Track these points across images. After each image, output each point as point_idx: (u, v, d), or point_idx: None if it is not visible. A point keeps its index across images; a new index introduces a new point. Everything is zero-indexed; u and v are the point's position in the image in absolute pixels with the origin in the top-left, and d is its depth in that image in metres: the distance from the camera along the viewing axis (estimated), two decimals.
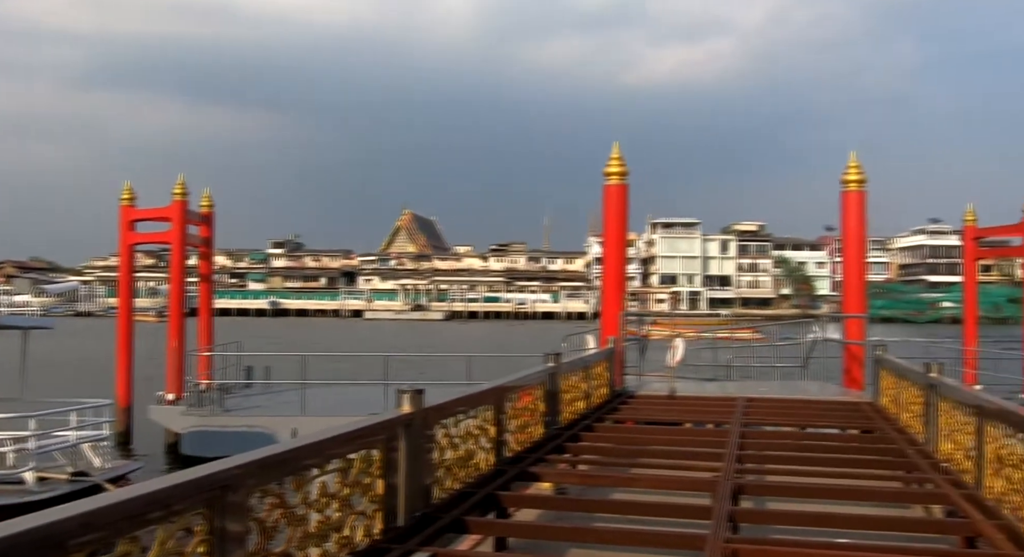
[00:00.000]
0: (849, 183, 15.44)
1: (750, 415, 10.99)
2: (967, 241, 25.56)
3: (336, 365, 28.21)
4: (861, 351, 14.64)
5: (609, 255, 15.51)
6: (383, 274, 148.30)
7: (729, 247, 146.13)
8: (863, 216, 15.56)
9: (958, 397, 7.47)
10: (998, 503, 6.01)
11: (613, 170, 15.01)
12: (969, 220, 25.14)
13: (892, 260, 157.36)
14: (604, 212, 15.20)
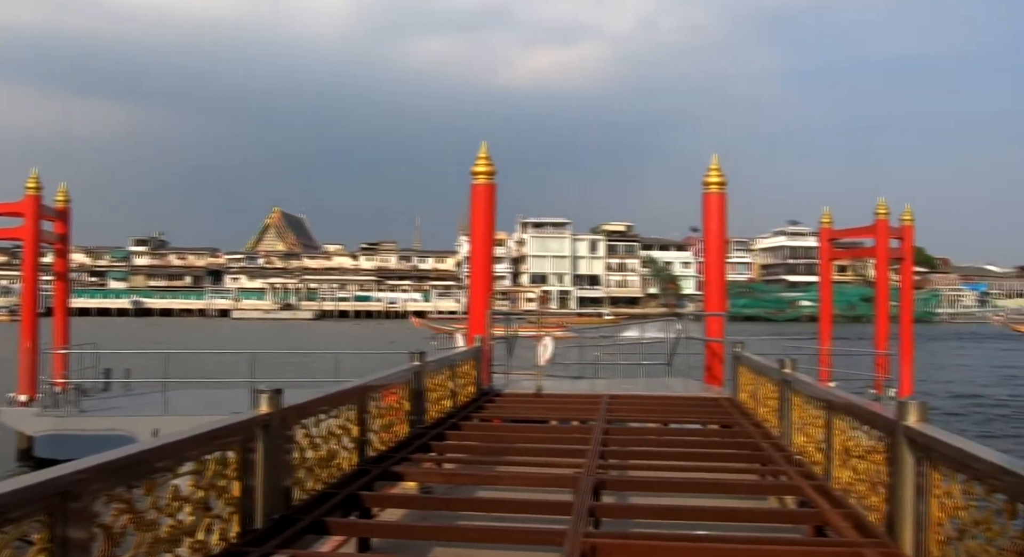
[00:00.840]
0: (710, 185, 15.85)
1: (614, 412, 11.16)
2: (823, 242, 26.47)
3: (201, 365, 27.54)
4: (721, 348, 15.04)
5: (476, 254, 15.55)
6: (251, 273, 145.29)
7: (598, 247, 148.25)
8: (724, 217, 15.98)
9: (809, 392, 7.74)
10: (845, 493, 6.25)
11: (481, 169, 15.06)
12: (825, 222, 26.05)
13: (754, 260, 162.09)
14: (471, 211, 15.23)
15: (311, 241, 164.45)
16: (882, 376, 22.94)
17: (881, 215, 23.84)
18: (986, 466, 3.89)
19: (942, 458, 4.44)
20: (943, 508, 4.45)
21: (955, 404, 32.82)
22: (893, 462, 5.06)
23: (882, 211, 23.85)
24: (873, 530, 5.35)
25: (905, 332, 25.02)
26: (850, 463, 6.21)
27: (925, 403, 4.95)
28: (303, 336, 73.99)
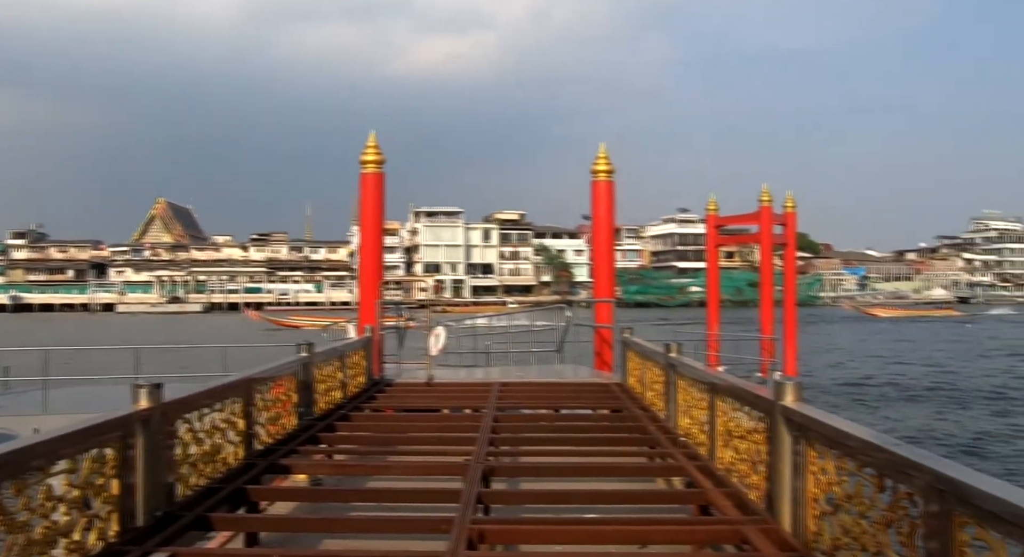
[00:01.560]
0: (599, 173, 15.99)
1: (505, 399, 11.21)
2: (709, 229, 27.01)
3: (85, 362, 26.73)
4: (610, 334, 15.22)
5: (366, 243, 15.42)
6: (137, 265, 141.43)
7: (491, 236, 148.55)
8: (612, 205, 16.15)
9: (693, 375, 7.89)
10: (728, 472, 6.40)
11: (370, 158, 14.93)
12: (711, 209, 26.59)
13: (645, 247, 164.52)
14: (361, 200, 15.08)
15: (199, 232, 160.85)
16: (768, 359, 23.51)
17: (765, 202, 24.42)
18: (857, 442, 4.03)
19: (817, 436, 4.58)
20: (819, 484, 4.59)
21: (839, 385, 34.00)
22: (772, 441, 5.20)
23: (766, 198, 24.43)
24: (754, 507, 5.49)
25: (789, 316, 25.73)
26: (732, 443, 6.36)
27: (800, 383, 5.10)
28: (191, 329, 72.57)
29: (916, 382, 34.94)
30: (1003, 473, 17.94)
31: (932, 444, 21.29)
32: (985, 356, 48.05)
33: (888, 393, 31.87)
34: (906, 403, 29.41)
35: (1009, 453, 20.47)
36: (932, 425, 24.70)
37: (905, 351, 51.02)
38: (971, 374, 38.06)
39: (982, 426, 24.48)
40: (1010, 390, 32.52)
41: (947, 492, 3.12)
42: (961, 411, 27.31)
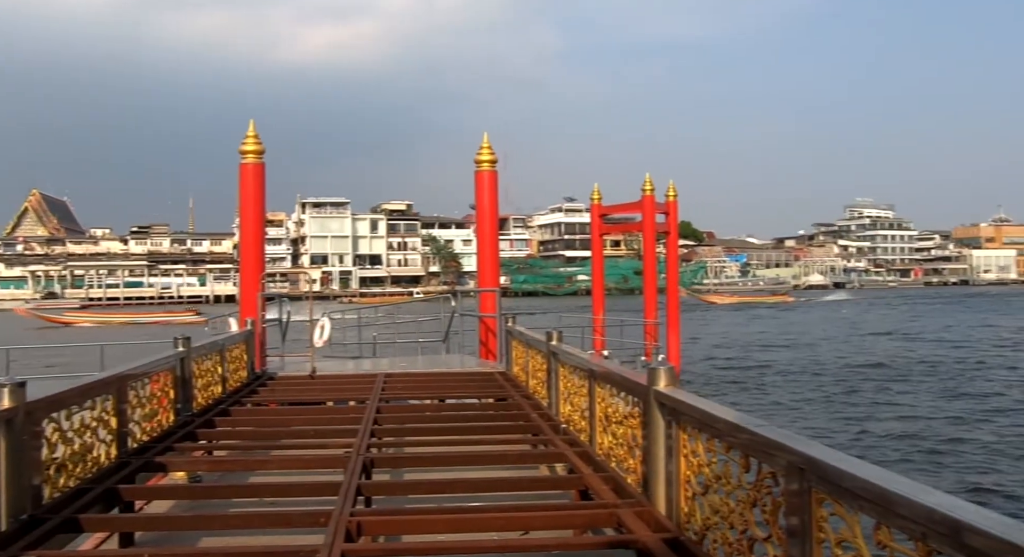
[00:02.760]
0: (482, 163, 16.03)
1: (390, 390, 11.18)
2: (594, 218, 27.35)
3: None
4: (495, 323, 15.29)
5: (247, 235, 15.16)
6: (9, 260, 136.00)
7: (379, 226, 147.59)
8: (496, 195, 16.22)
9: (573, 363, 7.98)
10: (607, 457, 6.51)
11: (249, 148, 14.69)
12: (595, 199, 26.92)
13: (533, 237, 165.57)
14: (240, 191, 14.82)
15: (76, 225, 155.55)
16: (651, 344, 23.94)
17: (647, 191, 24.80)
18: (724, 425, 4.13)
19: (688, 419, 4.68)
20: (690, 466, 4.70)
21: (716, 367, 34.85)
22: (646, 426, 5.30)
23: (648, 187, 24.81)
24: (630, 491, 5.59)
25: (671, 302, 26.22)
26: (611, 429, 6.46)
27: (673, 368, 5.21)
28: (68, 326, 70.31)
29: (815, 366, 36.05)
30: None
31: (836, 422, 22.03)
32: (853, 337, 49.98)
33: (779, 376, 32.78)
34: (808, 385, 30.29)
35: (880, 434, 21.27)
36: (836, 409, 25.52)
37: (779, 336, 52.63)
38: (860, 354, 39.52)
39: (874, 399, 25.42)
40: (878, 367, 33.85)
41: (806, 471, 3.22)
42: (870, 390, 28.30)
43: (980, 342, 46.69)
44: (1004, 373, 32.68)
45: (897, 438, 20.14)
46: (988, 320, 66.93)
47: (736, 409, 4.34)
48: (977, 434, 20.54)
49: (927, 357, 38.61)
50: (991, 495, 14.88)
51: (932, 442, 19.61)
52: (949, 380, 30.75)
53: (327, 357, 16.35)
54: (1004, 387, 28.76)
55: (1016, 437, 20.02)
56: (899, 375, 32.35)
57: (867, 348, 43.80)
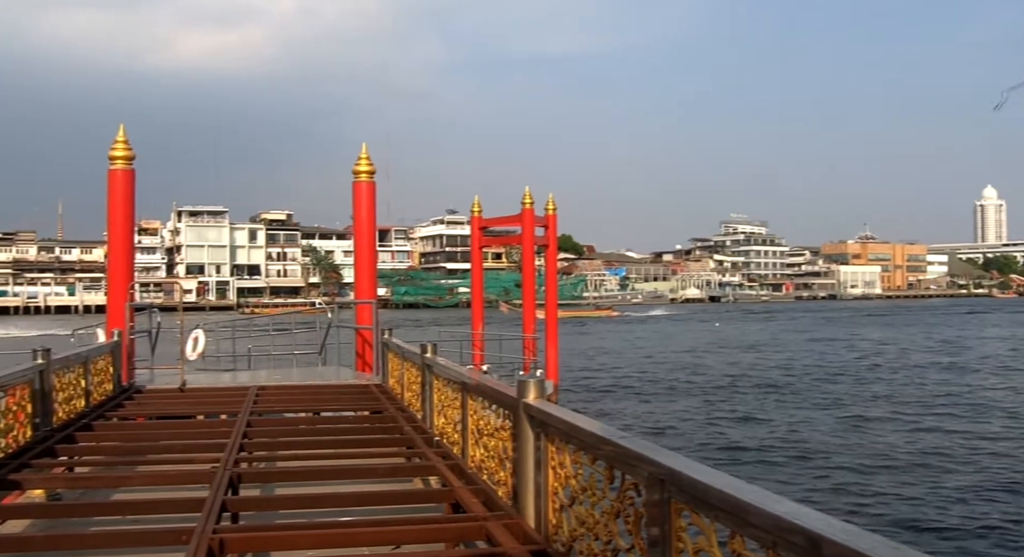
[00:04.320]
0: (360, 174, 15.91)
1: (263, 403, 10.98)
2: (474, 230, 27.36)
3: None
4: (372, 336, 15.16)
5: (115, 244, 14.71)
6: None
7: (258, 236, 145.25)
8: (373, 206, 16.11)
9: (447, 375, 7.96)
10: (479, 470, 6.50)
11: (119, 154, 14.27)
12: (476, 211, 26.95)
13: (415, 248, 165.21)
14: (109, 198, 14.36)
15: None
16: (530, 358, 24.06)
17: (527, 204, 24.95)
18: (589, 437, 4.16)
19: (555, 432, 4.70)
20: (558, 478, 4.72)
21: (598, 381, 35.33)
22: (516, 438, 5.30)
23: (528, 201, 24.95)
24: (501, 504, 5.60)
25: (550, 316, 26.40)
26: (483, 441, 6.46)
27: (542, 380, 5.23)
28: None
29: (673, 377, 36.79)
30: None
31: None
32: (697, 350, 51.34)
33: (648, 387, 33.36)
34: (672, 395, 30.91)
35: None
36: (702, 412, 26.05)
37: (633, 349, 53.87)
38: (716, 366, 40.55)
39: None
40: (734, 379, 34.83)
41: (666, 481, 3.26)
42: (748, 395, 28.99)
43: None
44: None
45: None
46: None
47: (603, 421, 4.37)
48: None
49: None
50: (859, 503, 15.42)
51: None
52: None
53: (200, 370, 15.96)
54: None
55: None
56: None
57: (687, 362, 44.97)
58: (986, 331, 72.97)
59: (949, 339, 61.71)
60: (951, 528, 14.06)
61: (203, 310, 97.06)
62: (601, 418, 25.83)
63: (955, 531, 13.91)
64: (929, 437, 22.13)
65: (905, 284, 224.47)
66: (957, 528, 14.05)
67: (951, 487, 16.56)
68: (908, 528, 14.03)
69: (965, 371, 38.96)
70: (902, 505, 15.39)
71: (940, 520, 14.49)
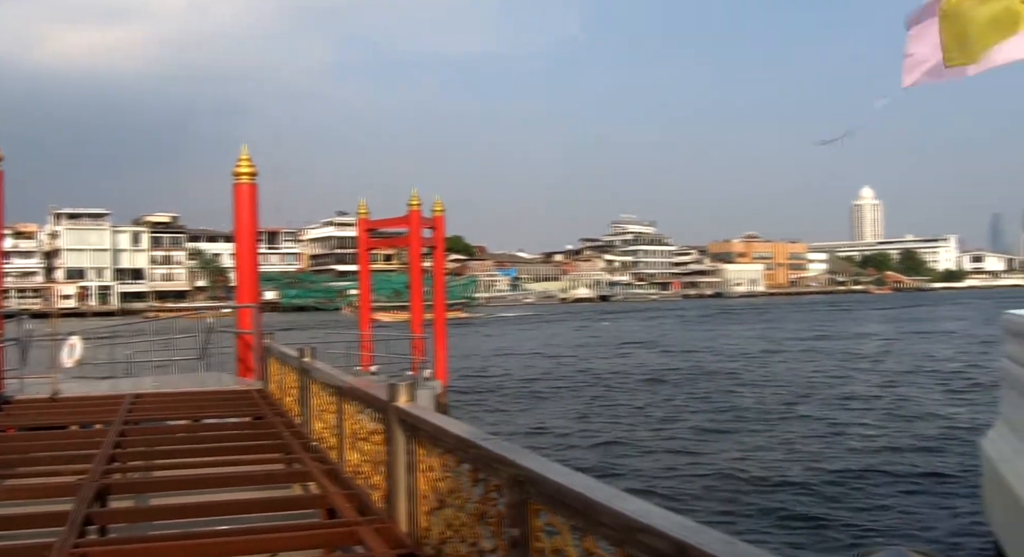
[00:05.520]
0: (241, 176, 15.66)
1: (140, 411, 10.73)
2: (361, 232, 27.23)
3: None
4: (254, 340, 14.95)
5: None
6: None
7: (141, 239, 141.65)
8: (255, 208, 15.88)
9: (324, 379, 7.91)
10: (355, 474, 6.47)
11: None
12: (362, 213, 26.82)
13: (304, 251, 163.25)
14: None
15: None
16: (419, 359, 24.04)
17: (414, 206, 24.92)
18: (454, 440, 4.19)
19: (425, 435, 4.72)
20: (428, 481, 4.73)
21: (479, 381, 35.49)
22: (389, 441, 5.30)
23: (415, 202, 24.93)
24: (375, 508, 5.59)
25: (438, 317, 26.44)
26: (358, 445, 6.44)
27: (414, 383, 5.24)
28: None
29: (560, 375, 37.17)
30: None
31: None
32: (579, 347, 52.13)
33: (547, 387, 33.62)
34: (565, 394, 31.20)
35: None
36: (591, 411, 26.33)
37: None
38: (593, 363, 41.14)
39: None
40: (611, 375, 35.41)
41: (525, 482, 3.30)
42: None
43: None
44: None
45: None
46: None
47: (467, 424, 4.40)
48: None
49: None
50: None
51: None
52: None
53: (77, 378, 15.48)
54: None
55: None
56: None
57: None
58: (866, 327, 75.69)
59: (829, 333, 63.86)
60: (806, 520, 14.55)
61: (84, 316, 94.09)
62: (490, 417, 26.00)
63: (807, 523, 14.43)
64: (792, 427, 22.86)
65: (788, 281, 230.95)
66: (810, 521, 14.56)
67: (808, 480, 17.12)
68: (772, 519, 14.53)
69: (849, 371, 40.36)
70: (758, 495, 15.88)
71: (797, 512, 15.01)
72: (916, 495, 15.67)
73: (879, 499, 15.47)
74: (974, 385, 30.87)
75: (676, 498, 15.84)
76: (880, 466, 17.99)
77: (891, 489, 16.21)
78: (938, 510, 14.65)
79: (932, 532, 13.58)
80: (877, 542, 13.06)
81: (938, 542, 13.06)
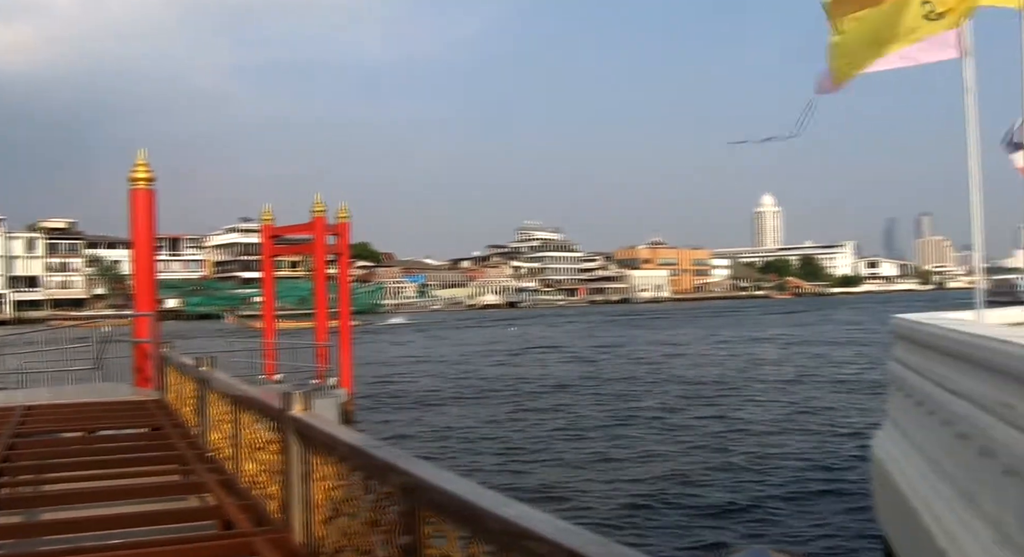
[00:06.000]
0: (138, 181, 15.36)
1: (31, 424, 10.44)
2: (265, 239, 26.92)
3: None
4: (151, 349, 14.67)
5: None
6: None
7: (36, 246, 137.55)
8: (152, 214, 15.58)
9: (221, 389, 7.81)
10: (251, 485, 6.41)
11: None
12: (266, 219, 26.53)
13: (208, 257, 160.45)
14: None
15: None
16: (323, 367, 23.86)
17: (318, 212, 24.73)
18: (347, 448, 4.20)
19: (319, 444, 4.71)
20: (323, 490, 4.72)
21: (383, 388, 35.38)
22: (285, 451, 5.27)
23: (319, 208, 24.75)
24: (271, 519, 5.55)
25: (343, 324, 26.24)
26: (255, 455, 6.38)
27: (309, 392, 5.22)
28: None
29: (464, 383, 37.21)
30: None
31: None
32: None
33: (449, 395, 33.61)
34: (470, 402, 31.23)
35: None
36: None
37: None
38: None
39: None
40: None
41: (414, 490, 3.33)
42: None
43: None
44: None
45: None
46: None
47: (360, 432, 4.41)
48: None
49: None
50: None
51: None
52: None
53: None
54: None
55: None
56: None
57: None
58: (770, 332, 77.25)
59: (729, 338, 65.04)
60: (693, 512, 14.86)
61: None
62: (396, 425, 25.90)
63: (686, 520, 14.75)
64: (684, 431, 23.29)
65: (692, 287, 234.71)
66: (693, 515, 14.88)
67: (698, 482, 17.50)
68: (661, 520, 14.81)
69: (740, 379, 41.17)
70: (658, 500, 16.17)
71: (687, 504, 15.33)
72: (809, 498, 16.10)
73: (772, 502, 15.84)
74: (869, 387, 31.82)
75: (568, 499, 16.10)
76: (773, 468, 18.47)
77: (784, 490, 16.64)
78: (831, 511, 15.06)
79: (823, 532, 13.96)
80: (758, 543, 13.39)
81: (830, 541, 13.44)
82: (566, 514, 15.06)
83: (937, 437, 7.74)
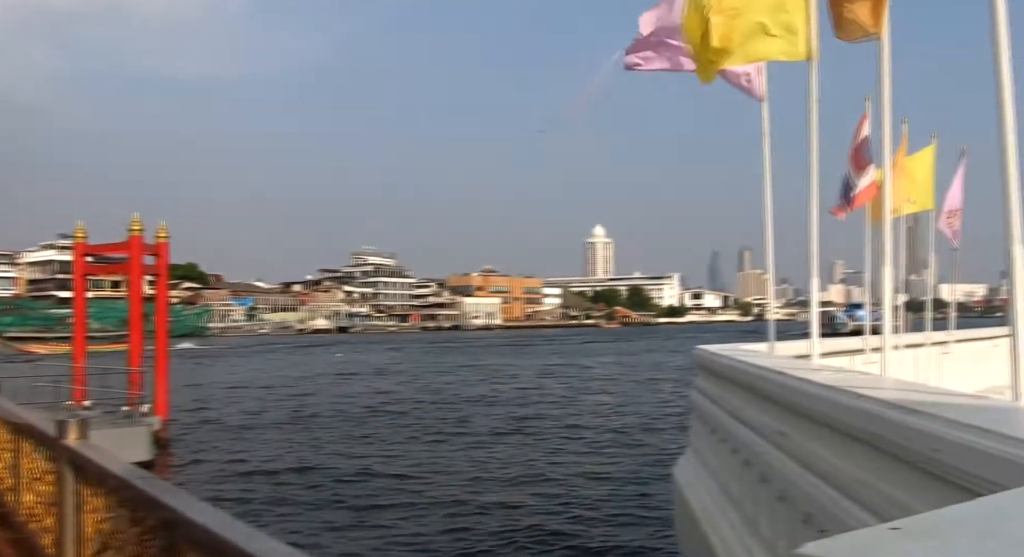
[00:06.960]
0: None
1: None
2: (77, 258, 25.85)
3: None
4: None
5: None
6: None
7: None
8: None
9: (2, 415, 7.45)
10: (28, 518, 6.11)
11: None
12: (80, 237, 25.48)
13: (21, 275, 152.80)
14: None
15: None
16: (136, 393, 23.02)
17: (135, 231, 23.96)
18: (115, 480, 4.06)
19: (92, 475, 4.54)
20: (94, 523, 4.55)
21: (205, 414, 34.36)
22: (60, 481, 5.06)
23: (136, 227, 23.98)
24: (43, 554, 5.31)
25: (160, 348, 25.40)
26: (34, 486, 6.09)
27: (86, 421, 5.03)
28: None
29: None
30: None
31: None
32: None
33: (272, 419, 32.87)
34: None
35: None
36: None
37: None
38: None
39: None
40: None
41: (173, 524, 3.26)
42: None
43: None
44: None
45: None
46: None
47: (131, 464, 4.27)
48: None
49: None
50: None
51: None
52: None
53: None
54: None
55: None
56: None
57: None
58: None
59: (551, 369, 66.03)
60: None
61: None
62: (214, 452, 25.11)
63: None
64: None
65: (523, 315, 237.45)
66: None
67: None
68: (463, 544, 14.97)
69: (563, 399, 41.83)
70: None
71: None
72: (615, 523, 16.46)
73: (579, 529, 16.11)
74: (679, 416, 32.89)
75: (376, 526, 16.09)
76: (583, 495, 18.78)
77: (592, 513, 16.98)
78: (644, 535, 15.44)
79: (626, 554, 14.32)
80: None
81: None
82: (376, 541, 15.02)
83: (727, 464, 8.05)
